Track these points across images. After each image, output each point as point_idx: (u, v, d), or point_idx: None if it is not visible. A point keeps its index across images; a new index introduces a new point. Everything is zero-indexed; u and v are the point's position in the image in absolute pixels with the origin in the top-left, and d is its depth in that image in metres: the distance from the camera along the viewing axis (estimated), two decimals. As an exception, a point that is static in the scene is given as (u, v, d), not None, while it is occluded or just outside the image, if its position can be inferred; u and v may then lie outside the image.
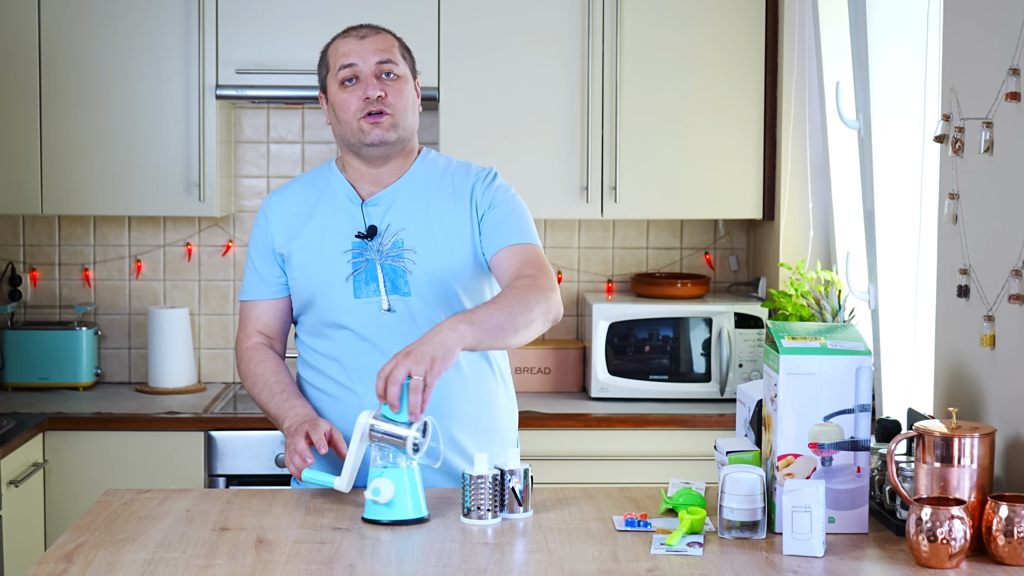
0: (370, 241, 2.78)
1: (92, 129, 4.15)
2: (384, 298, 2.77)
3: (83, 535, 2.39)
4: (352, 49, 2.78)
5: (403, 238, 2.78)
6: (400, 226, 2.79)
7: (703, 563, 2.25)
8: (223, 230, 4.53)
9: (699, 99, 4.25)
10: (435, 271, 2.77)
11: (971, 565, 2.24)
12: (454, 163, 2.89)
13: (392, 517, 2.46)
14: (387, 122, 2.77)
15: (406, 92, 2.80)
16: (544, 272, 2.72)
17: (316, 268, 2.81)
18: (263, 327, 2.91)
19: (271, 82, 4.17)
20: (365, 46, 2.78)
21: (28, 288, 4.50)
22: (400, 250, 2.77)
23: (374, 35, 2.80)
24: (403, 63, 2.81)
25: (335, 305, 2.79)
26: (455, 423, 2.80)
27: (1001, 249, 2.47)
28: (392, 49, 2.80)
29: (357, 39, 2.79)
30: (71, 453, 3.91)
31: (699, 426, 4.01)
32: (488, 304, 2.59)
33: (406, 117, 2.79)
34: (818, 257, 4.10)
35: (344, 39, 2.81)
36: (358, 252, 2.78)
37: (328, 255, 2.80)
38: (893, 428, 2.67)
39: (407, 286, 2.76)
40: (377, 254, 2.78)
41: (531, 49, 4.22)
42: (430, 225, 2.79)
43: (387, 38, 2.82)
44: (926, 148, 3.30)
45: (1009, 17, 2.45)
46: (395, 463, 2.47)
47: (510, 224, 2.79)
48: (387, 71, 2.78)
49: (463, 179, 2.84)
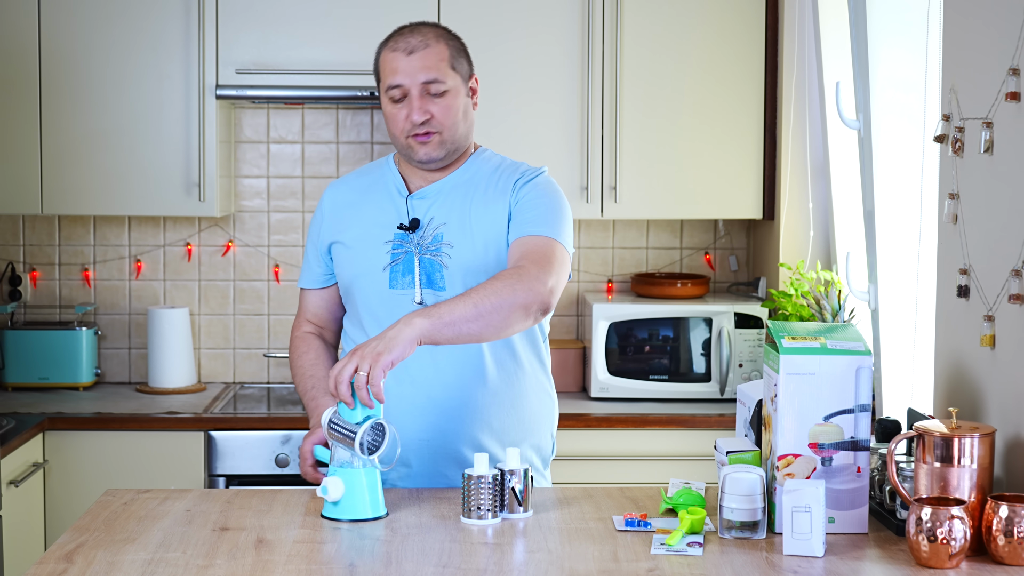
0: (411, 234, 2.79)
1: (92, 129, 4.15)
2: (418, 291, 2.77)
3: (83, 535, 2.39)
4: (400, 67, 2.74)
5: (443, 232, 2.78)
6: (442, 220, 2.79)
7: (703, 563, 2.25)
8: (223, 230, 4.53)
9: (699, 99, 4.25)
10: (470, 267, 2.76)
11: (971, 565, 2.24)
12: (507, 162, 2.88)
13: (345, 516, 2.46)
14: (435, 140, 2.77)
15: (454, 107, 2.77)
16: (540, 262, 2.64)
17: (356, 255, 2.83)
18: (313, 316, 2.97)
19: (271, 82, 4.17)
20: (413, 64, 2.74)
21: (28, 288, 4.50)
22: (439, 244, 2.78)
23: (423, 50, 2.75)
24: (452, 75, 2.76)
25: (371, 295, 2.81)
26: (479, 426, 2.80)
27: (1001, 249, 2.47)
28: (440, 65, 2.75)
29: (405, 55, 2.74)
30: (71, 453, 3.91)
31: (699, 426, 4.01)
32: (455, 297, 2.55)
33: (455, 131, 2.78)
34: (818, 257, 4.10)
35: (393, 53, 2.76)
36: (398, 244, 2.79)
37: (370, 244, 2.82)
38: (893, 428, 2.67)
39: (443, 280, 2.77)
40: (416, 247, 2.78)
41: (531, 49, 4.22)
42: (469, 221, 2.79)
43: (436, 52, 2.76)
44: (926, 148, 3.30)
45: (1009, 17, 2.45)
46: (349, 462, 2.48)
47: (532, 216, 2.76)
48: (434, 90, 2.75)
49: (508, 176, 2.83)
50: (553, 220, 2.75)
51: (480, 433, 2.80)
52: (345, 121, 4.54)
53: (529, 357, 2.87)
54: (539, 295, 2.59)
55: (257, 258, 4.55)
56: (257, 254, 4.55)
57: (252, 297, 4.54)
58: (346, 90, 4.17)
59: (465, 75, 2.81)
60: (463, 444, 2.80)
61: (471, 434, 2.79)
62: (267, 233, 4.55)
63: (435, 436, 2.78)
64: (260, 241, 4.55)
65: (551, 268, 2.64)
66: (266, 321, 4.55)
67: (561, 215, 2.77)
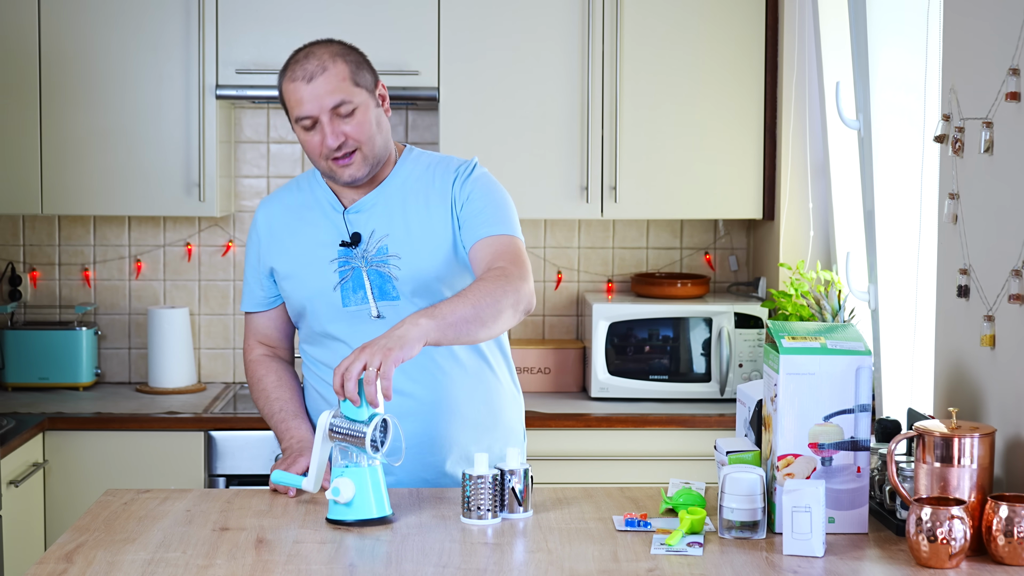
0: (355, 248, 2.77)
1: (92, 129, 4.15)
2: (372, 305, 2.76)
3: (83, 535, 2.39)
4: (304, 96, 2.68)
5: (387, 244, 2.76)
6: (384, 232, 2.77)
7: (703, 563, 2.25)
8: (223, 230, 4.53)
9: (699, 99, 4.25)
10: (420, 274, 2.76)
11: (971, 565, 2.24)
12: (435, 160, 2.86)
13: (354, 517, 2.45)
14: (356, 159, 2.73)
15: (366, 122, 2.72)
16: (516, 262, 2.68)
17: (304, 279, 2.81)
18: (263, 338, 2.94)
19: (271, 82, 4.17)
20: (316, 90, 2.68)
21: (28, 288, 4.50)
22: (385, 256, 2.76)
23: (322, 75, 2.68)
24: (357, 91, 2.71)
25: (325, 315, 2.80)
26: (455, 423, 2.80)
27: (1001, 249, 2.47)
28: (343, 84, 2.69)
29: (305, 83, 2.68)
30: (71, 453, 3.91)
31: (699, 426, 4.01)
32: (453, 298, 2.56)
33: (373, 144, 2.74)
34: (818, 257, 4.10)
35: (294, 84, 2.70)
36: (344, 260, 2.77)
37: (315, 265, 2.79)
38: (893, 428, 2.67)
39: (395, 290, 2.76)
40: (362, 261, 2.77)
41: (531, 49, 4.22)
42: (411, 228, 2.77)
43: (335, 73, 2.69)
44: (926, 148, 3.30)
45: (1009, 17, 2.45)
46: (356, 462, 2.48)
47: (485, 215, 2.76)
48: (343, 111, 2.70)
49: (443, 176, 2.81)
50: (506, 216, 2.78)
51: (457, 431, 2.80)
52: (345, 121, 4.54)
53: (487, 352, 2.86)
54: (526, 295, 2.64)
55: (257, 258, 4.55)
56: (257, 254, 4.55)
57: (252, 297, 4.54)
58: (346, 90, 4.16)
59: (370, 86, 2.74)
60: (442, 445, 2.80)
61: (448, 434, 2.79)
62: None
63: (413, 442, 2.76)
64: (260, 241, 4.54)
65: (526, 268, 2.70)
66: (266, 321, 4.55)
67: (510, 208, 2.80)
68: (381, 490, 2.48)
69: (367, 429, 2.43)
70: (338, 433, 2.47)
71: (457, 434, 2.80)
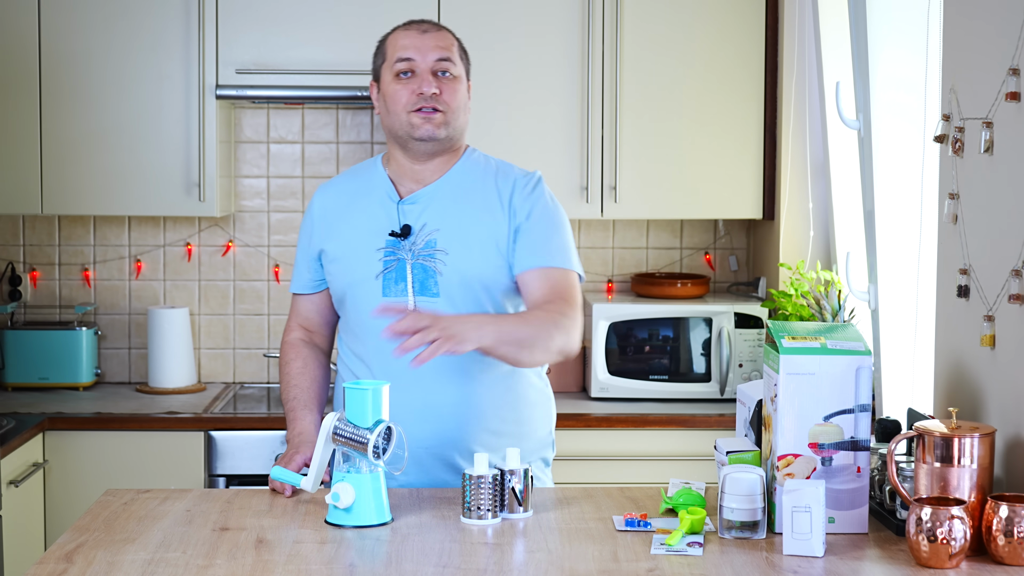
0: (403, 240, 2.77)
1: (92, 129, 4.15)
2: (411, 298, 2.76)
3: (83, 535, 2.39)
4: (412, 43, 2.77)
5: (436, 238, 2.76)
6: (435, 226, 2.78)
7: (703, 563, 2.25)
8: (223, 230, 4.53)
9: (699, 99, 4.25)
10: (465, 274, 2.75)
11: (971, 565, 2.24)
12: (496, 164, 2.87)
13: (353, 523, 2.45)
14: (439, 119, 2.76)
15: (460, 92, 2.80)
16: (572, 305, 2.74)
17: (349, 265, 2.81)
18: (304, 321, 2.96)
19: (271, 82, 4.17)
20: (425, 41, 2.77)
21: (28, 288, 4.50)
22: (432, 250, 2.76)
23: (435, 31, 2.80)
24: (460, 63, 2.81)
25: (364, 303, 2.79)
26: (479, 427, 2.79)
27: (1001, 249, 2.47)
28: (452, 48, 2.80)
29: (419, 32, 2.79)
30: (71, 453, 3.91)
31: (699, 426, 4.01)
32: (518, 318, 2.64)
33: (457, 116, 2.79)
34: (818, 257, 4.11)
35: (405, 31, 2.80)
36: (390, 251, 2.78)
37: (362, 252, 2.80)
38: (893, 428, 2.67)
39: (436, 287, 2.75)
40: (409, 254, 2.77)
41: (531, 49, 4.22)
42: (465, 227, 2.77)
43: (447, 36, 2.82)
44: (926, 148, 3.30)
45: (1009, 17, 2.45)
46: (358, 468, 2.47)
47: (547, 244, 2.78)
48: (444, 69, 2.77)
49: (505, 182, 2.82)
50: (567, 247, 2.81)
51: (480, 437, 2.79)
52: (345, 121, 4.54)
53: None
54: (572, 346, 2.73)
55: (257, 258, 4.55)
56: (257, 254, 4.55)
57: (252, 297, 4.54)
58: (346, 90, 4.17)
59: (467, 73, 2.85)
60: (462, 450, 2.79)
61: (471, 439, 2.78)
62: (267, 233, 4.55)
63: (434, 443, 2.77)
64: (260, 241, 4.55)
65: (579, 313, 2.76)
66: (266, 321, 4.55)
67: (569, 236, 2.84)
68: (381, 497, 2.48)
69: (371, 435, 2.43)
70: (341, 437, 2.47)
71: (481, 439, 2.79)
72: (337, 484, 2.45)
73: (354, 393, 2.47)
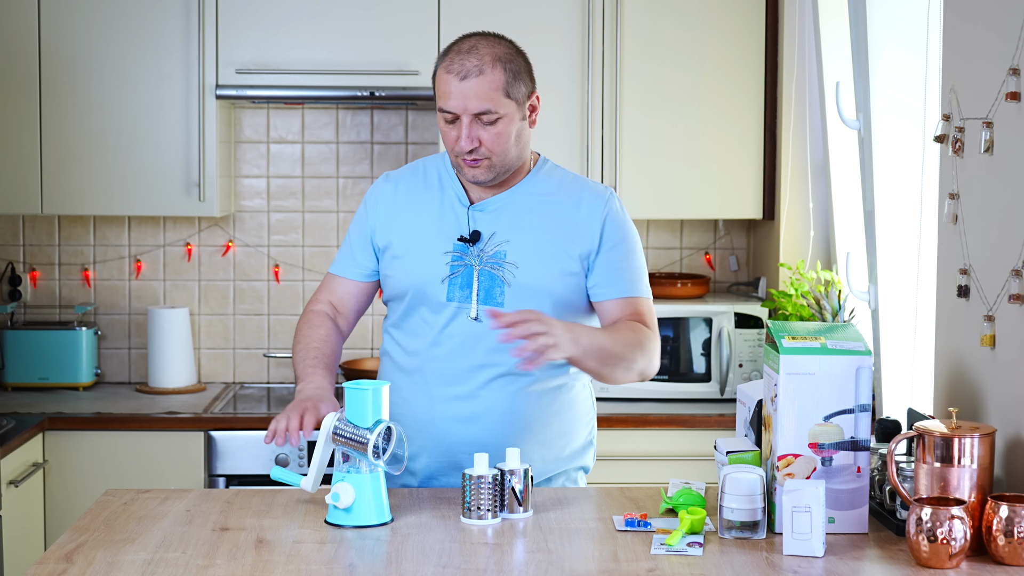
0: (472, 246, 2.74)
1: (92, 129, 4.15)
2: (475, 306, 2.73)
3: (83, 535, 2.39)
4: (452, 91, 2.66)
5: (506, 250, 2.74)
6: (505, 237, 2.75)
7: (703, 563, 2.25)
8: (223, 230, 4.53)
9: (699, 99, 4.25)
10: (534, 288, 2.73)
11: (971, 565, 2.24)
12: (571, 178, 2.83)
13: (353, 523, 2.45)
14: (484, 165, 2.71)
15: (506, 133, 2.69)
16: (655, 331, 2.77)
17: (414, 265, 2.77)
18: (337, 301, 2.89)
19: (271, 82, 4.17)
20: (465, 90, 2.65)
21: (28, 288, 4.50)
22: (501, 261, 2.73)
23: (476, 77, 2.65)
24: (506, 103, 2.68)
25: (426, 304, 2.76)
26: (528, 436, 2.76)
27: (1001, 249, 2.47)
28: (494, 95, 2.67)
29: (459, 79, 2.66)
30: (71, 453, 3.91)
31: (699, 426, 4.01)
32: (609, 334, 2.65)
33: (505, 157, 2.72)
34: (818, 257, 4.11)
35: (447, 74, 2.68)
36: (458, 256, 2.75)
37: (429, 253, 2.76)
38: (893, 428, 2.67)
39: (502, 296, 2.73)
40: (477, 260, 2.74)
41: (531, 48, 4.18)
42: (533, 239, 2.75)
43: (490, 80, 2.67)
44: (926, 148, 3.31)
45: (1009, 17, 2.45)
46: (358, 468, 2.47)
47: (628, 273, 2.77)
48: (486, 120, 2.68)
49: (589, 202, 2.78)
50: (643, 271, 2.83)
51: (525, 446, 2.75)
52: (345, 121, 4.54)
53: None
54: (652, 370, 2.76)
55: (257, 258, 4.55)
56: (257, 254, 4.55)
57: (252, 297, 4.54)
58: (346, 90, 4.17)
59: (522, 98, 2.72)
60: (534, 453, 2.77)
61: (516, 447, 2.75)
62: (267, 233, 4.55)
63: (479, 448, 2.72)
64: (260, 241, 4.55)
65: (659, 339, 2.79)
66: (266, 321, 4.55)
67: (643, 259, 2.85)
68: (381, 497, 2.48)
69: (371, 436, 2.43)
70: (341, 437, 2.47)
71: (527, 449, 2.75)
72: (337, 484, 2.45)
73: (354, 393, 2.47)
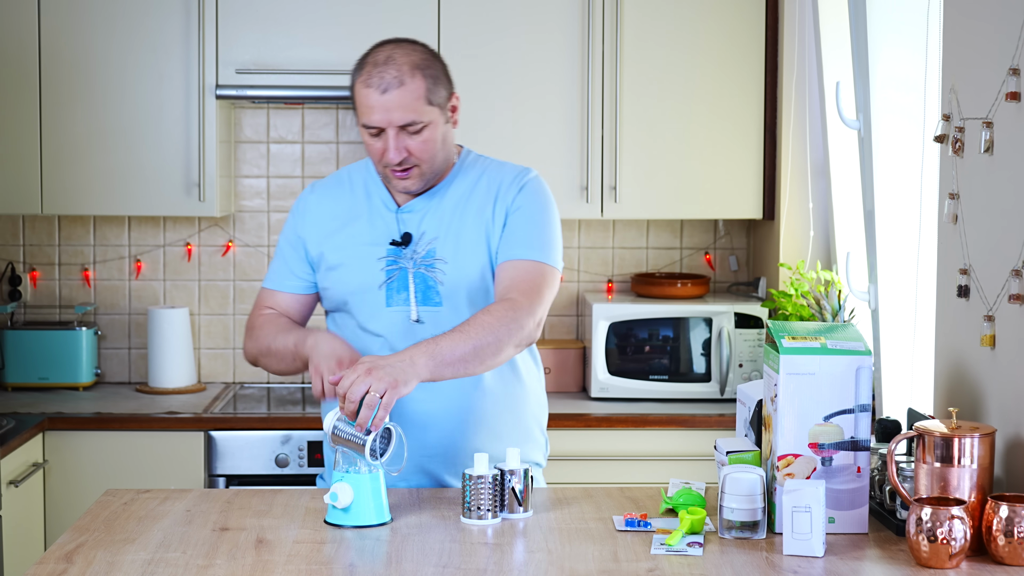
0: (404, 249, 2.75)
1: (92, 129, 4.15)
2: (414, 309, 2.74)
3: (83, 535, 2.39)
4: (375, 104, 2.65)
5: (435, 247, 2.74)
6: (434, 235, 2.75)
7: (703, 563, 2.25)
8: (223, 230, 4.53)
9: (699, 99, 4.25)
10: (464, 282, 2.73)
11: (971, 565, 2.24)
12: (492, 166, 2.83)
13: (352, 523, 2.45)
14: (414, 173, 2.71)
15: (432, 139, 2.70)
16: (529, 294, 2.65)
17: (350, 273, 2.77)
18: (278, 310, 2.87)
19: (271, 82, 4.17)
20: (387, 103, 2.65)
21: (28, 288, 4.50)
22: (432, 259, 2.74)
23: (397, 88, 2.64)
24: (429, 110, 2.68)
25: (367, 312, 2.77)
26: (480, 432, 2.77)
27: (1001, 249, 2.47)
28: (416, 104, 2.66)
29: (379, 93, 2.65)
30: (71, 453, 3.91)
31: (699, 426, 4.01)
32: (456, 333, 2.54)
33: (434, 160, 2.72)
34: (818, 257, 4.11)
35: (366, 88, 2.66)
36: (392, 260, 2.75)
37: (363, 261, 2.76)
38: (893, 428, 2.67)
39: (438, 296, 2.73)
40: (411, 262, 2.74)
41: (531, 49, 4.22)
42: (460, 234, 2.75)
43: (411, 90, 2.66)
44: (926, 148, 3.30)
45: (1009, 17, 2.45)
46: (357, 468, 2.47)
47: (521, 236, 2.73)
48: (411, 129, 2.67)
49: (494, 184, 2.78)
50: (543, 239, 2.74)
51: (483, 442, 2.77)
52: (345, 121, 4.54)
53: (524, 357, 2.85)
54: (529, 333, 2.64)
55: (257, 258, 4.55)
56: (257, 254, 4.55)
57: (252, 297, 4.54)
58: (346, 90, 4.11)
59: (443, 102, 2.72)
60: (467, 452, 2.78)
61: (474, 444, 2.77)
62: (267, 233, 4.55)
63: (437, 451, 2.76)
64: (260, 241, 4.55)
65: (540, 299, 2.67)
66: (266, 321, 4.55)
67: (551, 230, 2.77)
68: (381, 497, 2.48)
69: (368, 436, 2.43)
70: (341, 437, 2.47)
71: (482, 444, 2.77)
72: (336, 484, 2.45)
73: None
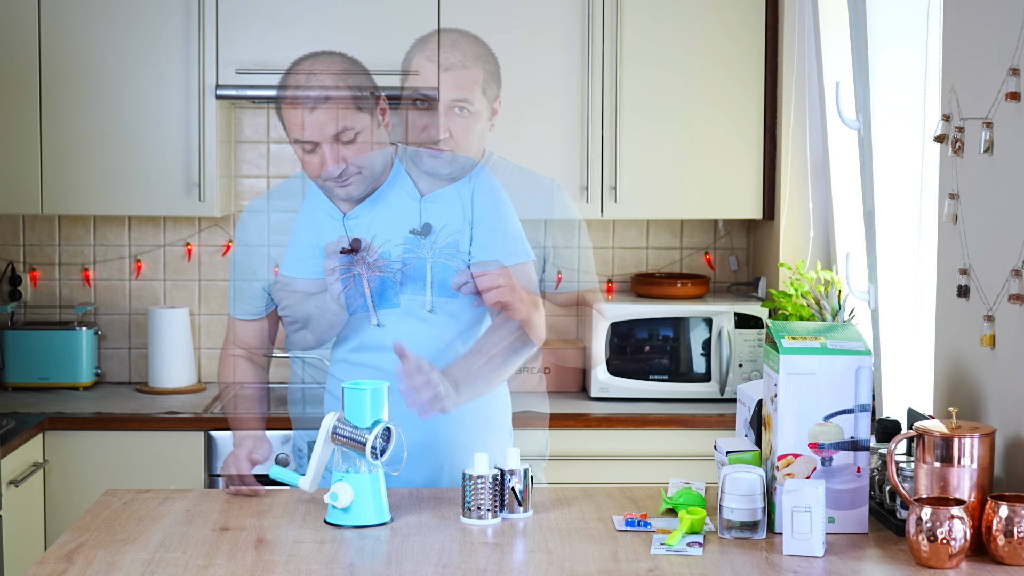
0: (355, 255, 2.76)
1: (92, 129, 4.15)
2: (372, 314, 2.77)
3: (83, 535, 2.39)
4: (305, 122, 2.65)
5: (389, 249, 2.76)
6: (385, 236, 2.77)
7: (703, 563, 2.25)
8: (223, 230, 4.53)
9: (699, 99, 4.25)
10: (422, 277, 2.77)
11: (971, 565, 2.24)
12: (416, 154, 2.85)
13: (351, 523, 2.45)
14: (355, 181, 2.73)
15: (368, 144, 2.71)
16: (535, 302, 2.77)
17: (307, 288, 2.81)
18: (244, 344, 2.98)
19: (271, 82, 4.14)
20: (318, 118, 2.65)
21: (28, 288, 4.50)
22: (388, 260, 2.76)
23: (324, 104, 2.65)
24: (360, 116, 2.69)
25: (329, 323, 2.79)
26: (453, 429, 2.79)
27: (1001, 249, 2.47)
28: (346, 112, 2.67)
29: (308, 111, 2.65)
30: (71, 453, 3.91)
31: (699, 426, 4.01)
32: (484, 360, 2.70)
33: (374, 166, 2.74)
34: (818, 257, 4.10)
35: (294, 109, 2.66)
36: (345, 268, 2.76)
37: (317, 274, 2.79)
38: (893, 428, 2.67)
39: (396, 298, 2.76)
40: (364, 267, 2.76)
41: (531, 49, 4.22)
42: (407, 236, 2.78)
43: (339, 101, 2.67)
44: (926, 148, 3.30)
45: (1009, 17, 2.45)
46: (356, 468, 2.47)
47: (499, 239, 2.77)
48: (344, 138, 2.67)
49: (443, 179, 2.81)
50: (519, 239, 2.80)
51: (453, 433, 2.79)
52: (345, 121, 4.54)
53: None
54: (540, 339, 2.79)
55: (257, 258, 4.54)
56: (257, 254, 4.54)
57: (252, 297, 4.54)
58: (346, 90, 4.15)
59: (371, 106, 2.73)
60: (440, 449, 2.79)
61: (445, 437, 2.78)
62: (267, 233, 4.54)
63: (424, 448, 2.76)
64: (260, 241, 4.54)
65: (541, 304, 2.80)
66: (266, 321, 4.55)
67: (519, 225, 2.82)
68: (381, 497, 2.48)
69: (369, 436, 2.43)
70: (340, 437, 2.47)
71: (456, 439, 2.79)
72: (336, 484, 2.45)
73: (353, 393, 2.47)
